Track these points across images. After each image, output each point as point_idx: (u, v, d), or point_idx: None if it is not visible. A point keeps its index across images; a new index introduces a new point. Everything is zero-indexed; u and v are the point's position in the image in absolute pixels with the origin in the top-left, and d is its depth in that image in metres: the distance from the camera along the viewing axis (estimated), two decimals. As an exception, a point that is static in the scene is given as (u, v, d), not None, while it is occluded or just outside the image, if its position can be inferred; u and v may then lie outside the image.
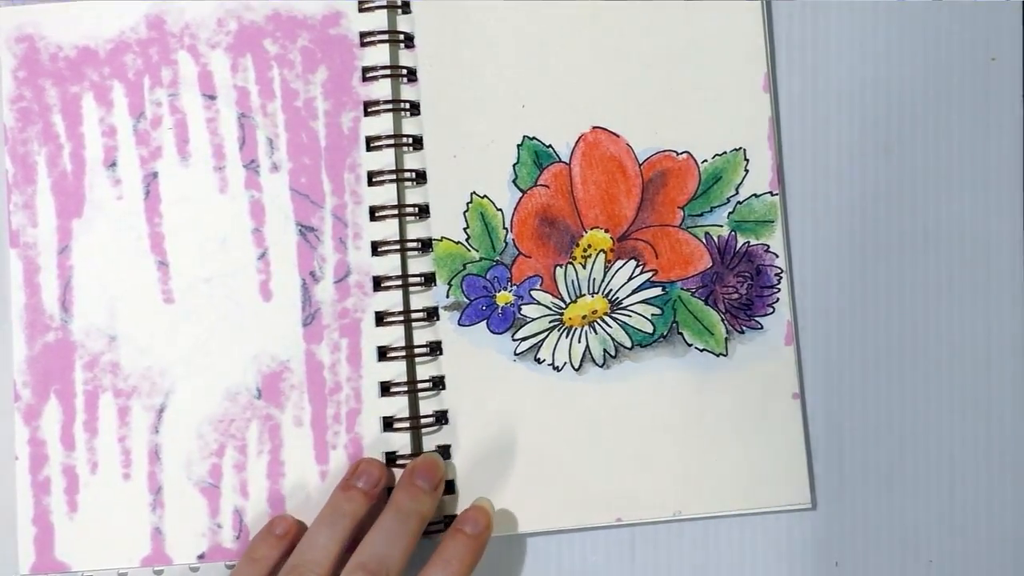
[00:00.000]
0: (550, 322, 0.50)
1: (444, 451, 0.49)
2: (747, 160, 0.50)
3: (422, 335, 0.50)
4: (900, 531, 0.51)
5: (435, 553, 0.46)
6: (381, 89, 0.50)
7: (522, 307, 0.50)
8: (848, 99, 0.52)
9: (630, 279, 0.50)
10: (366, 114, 0.50)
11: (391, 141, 0.50)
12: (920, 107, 0.52)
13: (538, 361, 0.50)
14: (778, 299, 0.50)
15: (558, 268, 0.50)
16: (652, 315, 0.50)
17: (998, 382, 0.51)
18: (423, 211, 0.50)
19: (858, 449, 0.51)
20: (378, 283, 0.50)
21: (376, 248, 0.50)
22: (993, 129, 0.52)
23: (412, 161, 0.50)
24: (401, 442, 0.49)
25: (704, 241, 0.50)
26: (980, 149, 0.52)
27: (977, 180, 0.52)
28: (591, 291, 0.50)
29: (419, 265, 0.50)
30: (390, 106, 0.50)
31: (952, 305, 0.51)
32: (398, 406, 0.49)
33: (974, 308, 0.51)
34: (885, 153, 0.52)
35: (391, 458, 0.49)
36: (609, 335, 0.50)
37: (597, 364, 0.50)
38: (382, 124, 0.50)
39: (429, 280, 0.50)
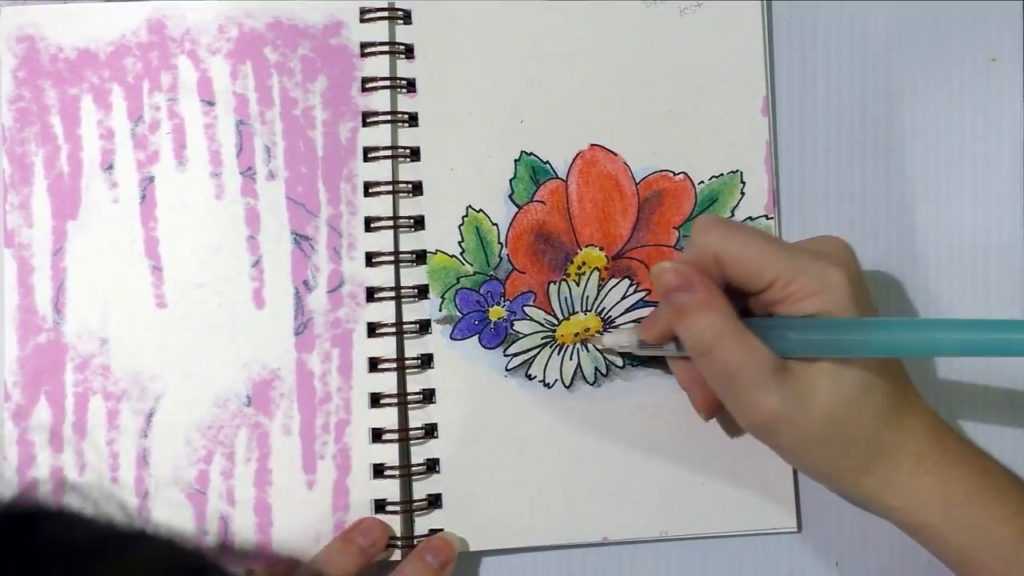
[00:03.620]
0: (542, 338, 0.50)
1: (433, 464, 0.49)
2: (743, 183, 0.50)
3: (414, 347, 0.50)
4: (899, 531, 0.50)
5: (394, 572, 0.47)
6: (380, 100, 0.50)
7: (515, 323, 0.50)
8: (848, 113, 0.52)
9: (623, 298, 0.50)
10: (364, 124, 0.50)
11: (388, 152, 0.50)
12: (920, 108, 0.52)
13: (529, 377, 0.50)
14: (771, 322, 0.50)
15: (552, 285, 0.50)
16: (644, 334, 0.50)
17: (997, 384, 0.51)
18: (418, 223, 0.50)
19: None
20: (371, 294, 0.50)
21: (370, 259, 0.50)
22: (993, 130, 0.52)
23: (409, 173, 0.50)
24: (390, 455, 0.49)
25: (698, 262, 0.50)
26: (980, 150, 0.52)
27: (978, 181, 0.52)
28: (584, 309, 0.50)
29: (413, 277, 0.50)
30: (388, 117, 0.50)
31: (951, 315, 0.51)
32: (387, 418, 0.49)
33: (975, 313, 0.51)
34: (885, 154, 0.51)
35: (379, 469, 0.49)
36: (601, 353, 0.50)
37: (588, 382, 0.50)
38: (380, 135, 0.50)
39: (422, 293, 0.50)
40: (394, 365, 0.49)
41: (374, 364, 0.49)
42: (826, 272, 0.42)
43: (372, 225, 0.50)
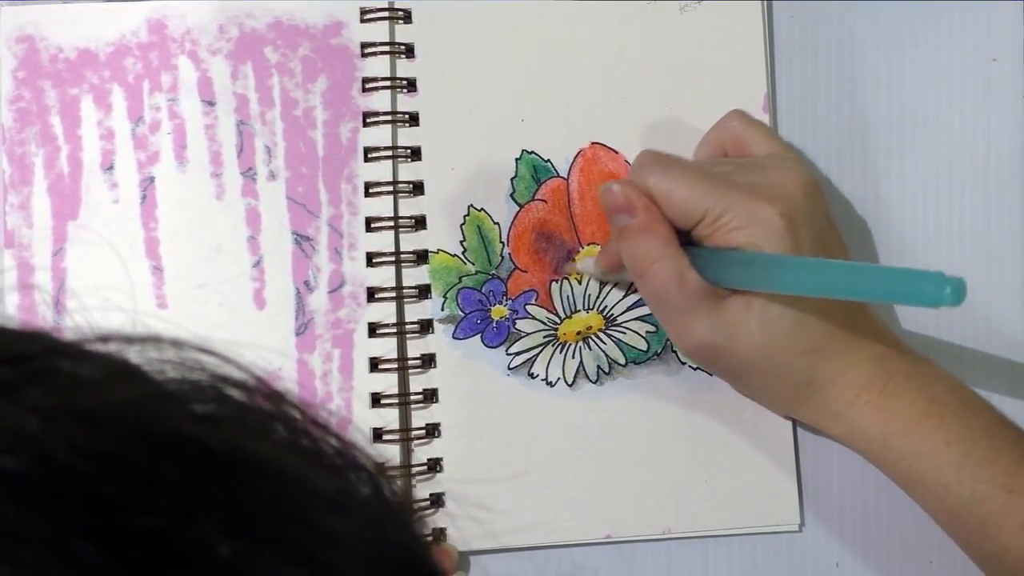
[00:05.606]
0: (544, 337, 0.50)
1: (435, 464, 0.49)
2: (745, 180, 0.50)
3: (415, 347, 0.50)
4: (900, 531, 0.50)
5: None
6: (380, 100, 0.50)
7: (517, 322, 0.50)
8: (848, 113, 0.52)
9: (625, 296, 0.50)
10: (365, 124, 0.50)
11: (389, 152, 0.50)
12: (920, 108, 0.52)
13: (532, 376, 0.50)
14: (773, 320, 0.50)
15: (554, 283, 0.50)
16: (646, 332, 0.50)
17: (997, 384, 0.51)
18: (419, 223, 0.50)
19: (847, 469, 0.50)
20: (372, 294, 0.50)
21: (371, 259, 0.50)
22: (993, 130, 0.52)
23: (409, 173, 0.50)
24: (391, 455, 0.49)
25: (700, 260, 0.50)
26: (980, 150, 0.52)
27: (977, 181, 0.52)
28: (586, 307, 0.50)
29: (414, 277, 0.50)
30: (389, 117, 0.50)
31: (952, 316, 0.51)
32: (389, 417, 0.49)
33: (974, 313, 0.51)
34: (885, 154, 0.52)
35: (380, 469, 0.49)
36: (603, 351, 0.50)
37: (591, 380, 0.50)
38: (381, 135, 0.50)
39: (424, 292, 0.50)
40: (395, 365, 0.49)
41: (375, 364, 0.49)
42: (755, 208, 0.43)
43: (373, 225, 0.50)
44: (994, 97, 0.52)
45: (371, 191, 0.50)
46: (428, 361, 0.50)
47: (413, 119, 0.50)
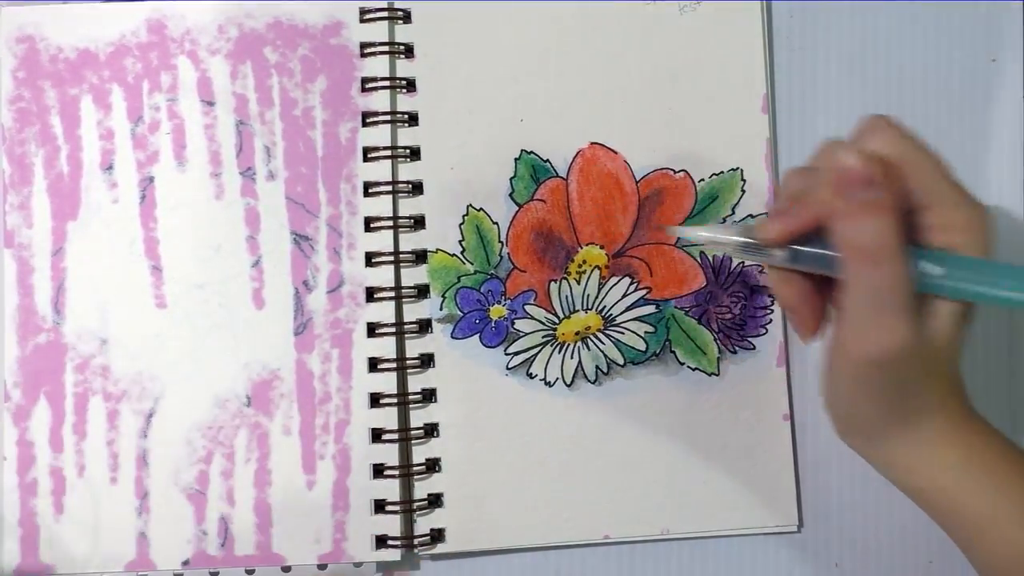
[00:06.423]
0: (543, 337, 0.50)
1: (434, 464, 0.49)
2: (744, 180, 0.50)
3: (414, 347, 0.50)
4: (900, 531, 0.50)
5: None
6: (380, 100, 0.50)
7: (515, 321, 0.50)
8: (847, 113, 0.52)
9: (624, 296, 0.50)
10: (364, 124, 0.50)
11: (388, 152, 0.50)
12: (920, 108, 0.52)
13: (530, 376, 0.50)
14: (771, 320, 0.50)
15: (552, 283, 0.50)
16: (645, 333, 0.50)
17: (995, 383, 0.51)
18: (418, 222, 0.50)
19: (845, 470, 0.50)
20: (371, 294, 0.50)
21: (370, 259, 0.50)
22: (993, 130, 0.52)
23: (408, 172, 0.50)
24: (389, 455, 0.49)
25: (699, 260, 0.50)
26: (980, 150, 0.52)
27: (977, 181, 0.52)
28: (585, 307, 0.50)
29: (413, 277, 0.50)
30: (388, 117, 0.50)
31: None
32: (387, 418, 0.49)
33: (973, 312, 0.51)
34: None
35: (379, 469, 0.49)
36: (602, 351, 0.50)
37: (589, 380, 0.50)
38: (380, 135, 0.50)
39: (423, 292, 0.50)
40: (394, 365, 0.49)
41: (374, 364, 0.49)
42: (975, 208, 0.38)
43: (372, 225, 0.50)
44: (994, 97, 0.52)
45: (370, 191, 0.50)
46: (427, 361, 0.50)
47: (412, 119, 0.50)
